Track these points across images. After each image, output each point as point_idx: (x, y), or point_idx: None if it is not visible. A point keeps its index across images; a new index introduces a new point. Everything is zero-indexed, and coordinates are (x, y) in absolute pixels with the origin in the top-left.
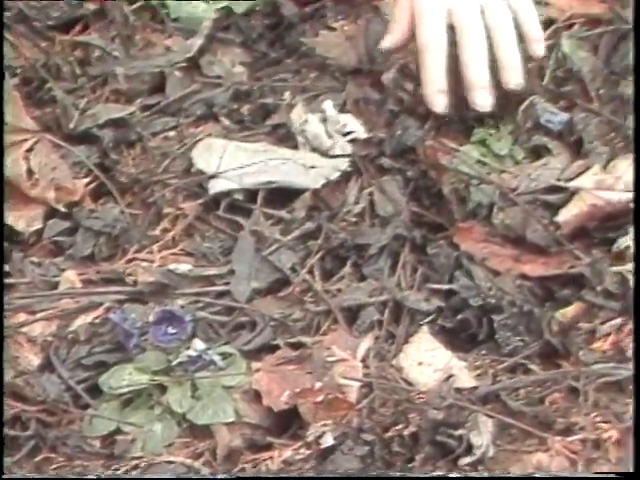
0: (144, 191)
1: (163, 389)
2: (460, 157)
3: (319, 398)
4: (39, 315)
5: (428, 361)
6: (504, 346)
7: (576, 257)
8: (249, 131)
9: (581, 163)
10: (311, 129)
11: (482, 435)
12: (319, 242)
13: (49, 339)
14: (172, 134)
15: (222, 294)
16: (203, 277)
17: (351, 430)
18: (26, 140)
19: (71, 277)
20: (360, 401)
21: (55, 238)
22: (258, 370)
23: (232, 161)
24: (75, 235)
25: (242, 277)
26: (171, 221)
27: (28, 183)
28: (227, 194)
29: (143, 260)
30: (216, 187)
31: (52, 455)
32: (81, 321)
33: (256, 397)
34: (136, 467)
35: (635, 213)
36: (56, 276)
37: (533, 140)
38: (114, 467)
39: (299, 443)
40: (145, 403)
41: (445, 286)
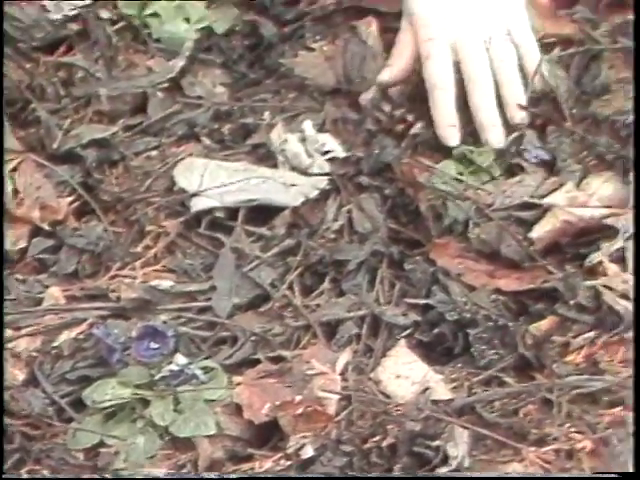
0: (127, 209)
1: (146, 403)
2: (437, 174)
3: (299, 411)
4: (24, 331)
5: (405, 374)
6: (479, 359)
7: (549, 272)
8: (230, 150)
9: (554, 180)
10: (290, 148)
11: (458, 446)
12: (298, 258)
13: (34, 354)
14: (154, 154)
15: (204, 310)
16: (185, 293)
17: (330, 442)
18: (11, 160)
19: (55, 293)
20: (339, 413)
21: (39, 256)
22: (239, 384)
23: (213, 180)
24: (59, 253)
25: (223, 293)
26: (153, 238)
27: (14, 202)
28: (208, 212)
29: (126, 277)
30: (198, 205)
31: (37, 467)
32: (65, 336)
33: (237, 410)
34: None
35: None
36: (40, 293)
37: (509, 159)
38: None
39: (279, 454)
40: (128, 416)
41: (422, 301)
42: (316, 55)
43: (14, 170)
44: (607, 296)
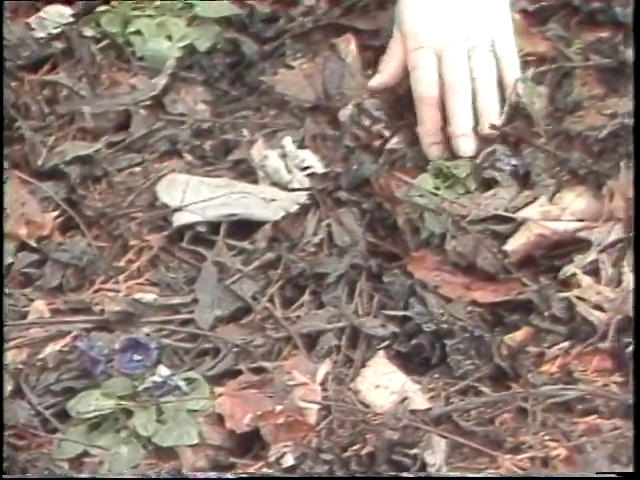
0: (110, 224)
1: (129, 413)
2: (414, 188)
3: (280, 420)
4: (10, 344)
5: (384, 384)
6: (456, 369)
7: (524, 284)
8: (211, 166)
9: (528, 194)
10: (271, 164)
11: (435, 454)
12: (279, 271)
13: (19, 367)
14: (137, 170)
15: (186, 322)
16: (168, 306)
17: (311, 450)
18: None
19: (40, 307)
20: (319, 423)
21: (24, 270)
22: (221, 394)
23: (195, 195)
24: (44, 267)
25: (205, 306)
26: (136, 253)
27: None
28: (191, 226)
29: (109, 290)
30: (180, 220)
31: (23, 477)
32: (50, 349)
33: (219, 420)
34: None
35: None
36: (26, 306)
37: (484, 173)
38: None
39: (261, 463)
40: (112, 427)
41: (400, 312)
42: (296, 73)
43: None
44: (581, 307)
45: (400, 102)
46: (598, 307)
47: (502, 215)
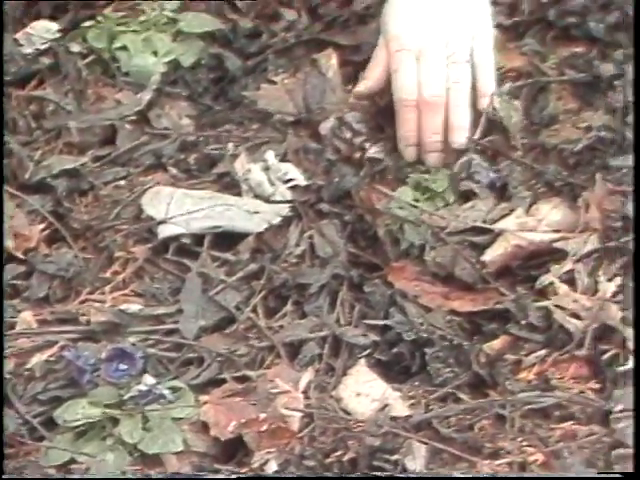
0: (96, 236)
1: (115, 421)
2: (394, 201)
3: (263, 428)
4: None
5: (365, 392)
6: (436, 377)
7: (501, 293)
8: (195, 179)
9: (505, 206)
10: (254, 177)
11: (416, 460)
12: (262, 282)
13: (7, 376)
14: (122, 183)
15: (171, 332)
16: (153, 316)
17: (294, 457)
18: None
19: (27, 318)
20: (302, 430)
21: (12, 281)
22: (206, 402)
23: (180, 207)
24: (31, 278)
25: (190, 316)
26: (122, 264)
27: None
28: (175, 238)
29: (95, 301)
30: (165, 232)
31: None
32: (37, 359)
33: (204, 428)
34: None
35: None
36: (13, 317)
37: (462, 185)
38: None
39: (245, 469)
40: (98, 435)
41: (381, 322)
42: (278, 88)
43: None
44: (558, 315)
45: (381, 114)
46: (575, 315)
47: (480, 226)
